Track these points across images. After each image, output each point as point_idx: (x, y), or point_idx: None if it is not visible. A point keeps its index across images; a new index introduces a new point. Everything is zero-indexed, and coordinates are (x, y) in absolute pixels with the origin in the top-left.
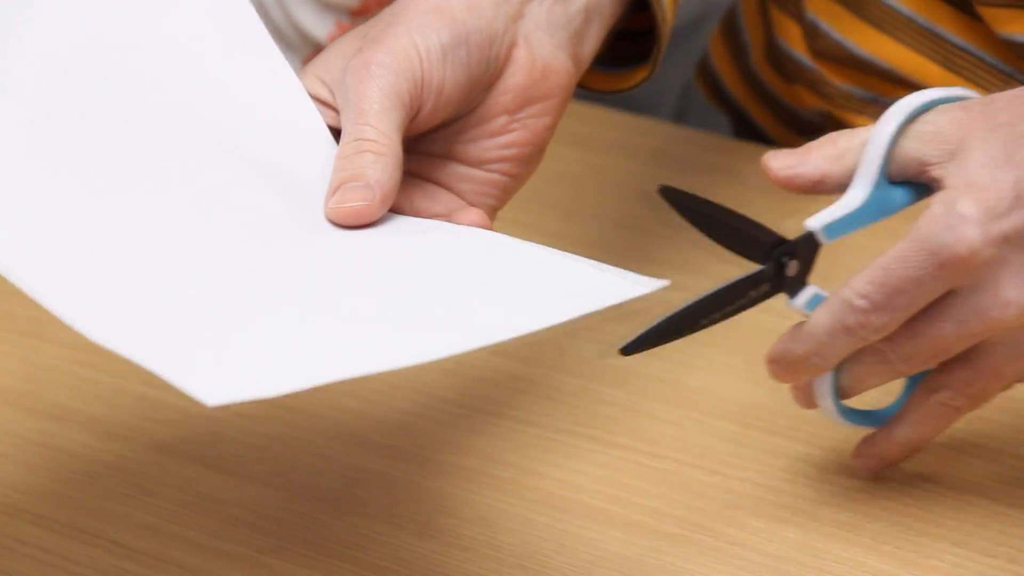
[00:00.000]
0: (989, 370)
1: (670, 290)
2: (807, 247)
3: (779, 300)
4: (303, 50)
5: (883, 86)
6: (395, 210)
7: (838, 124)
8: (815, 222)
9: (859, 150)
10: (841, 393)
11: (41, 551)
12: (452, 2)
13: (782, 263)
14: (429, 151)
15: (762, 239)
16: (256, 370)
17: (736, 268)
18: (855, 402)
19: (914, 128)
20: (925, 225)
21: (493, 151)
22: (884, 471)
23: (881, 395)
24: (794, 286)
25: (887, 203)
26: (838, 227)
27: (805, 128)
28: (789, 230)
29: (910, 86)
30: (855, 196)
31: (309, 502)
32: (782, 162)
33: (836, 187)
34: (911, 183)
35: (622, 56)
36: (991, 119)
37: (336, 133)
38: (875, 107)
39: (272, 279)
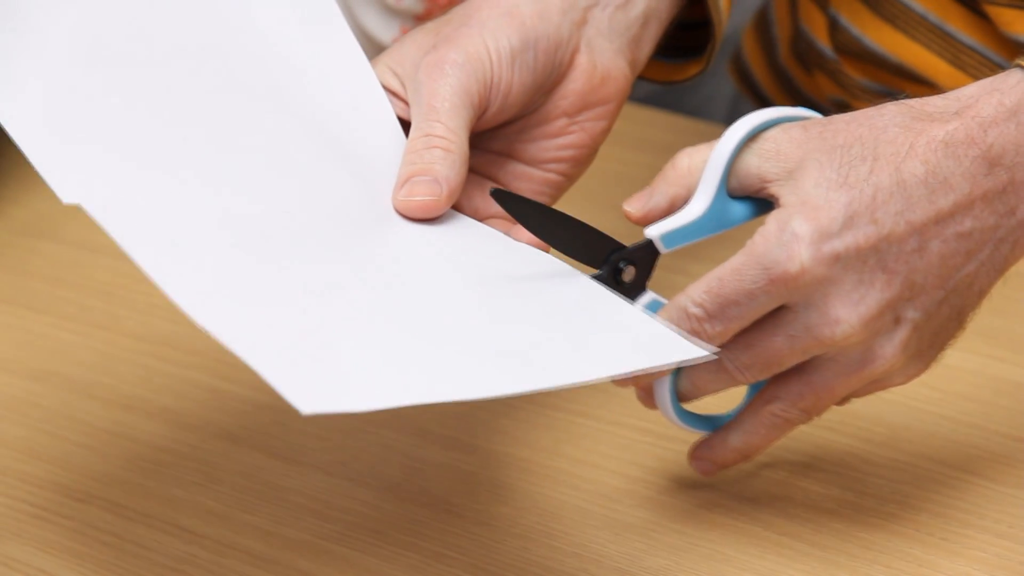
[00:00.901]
0: (821, 385)
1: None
2: (646, 254)
3: None
4: (369, 54)
5: (896, 81)
6: (454, 208)
7: None
8: (654, 230)
9: (702, 166)
10: (681, 397)
11: (113, 536)
12: (523, 7)
13: (619, 268)
14: (489, 148)
15: (599, 245)
16: (351, 385)
17: None
18: (699, 406)
19: (755, 145)
20: (760, 241)
21: (551, 151)
22: (930, 465)
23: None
24: (632, 291)
25: (727, 216)
26: (677, 237)
27: None
28: None
29: (921, 82)
30: (694, 207)
31: (371, 491)
32: (635, 204)
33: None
34: (752, 199)
35: (676, 47)
36: (828, 140)
37: (404, 124)
38: (888, 100)
39: (364, 286)
